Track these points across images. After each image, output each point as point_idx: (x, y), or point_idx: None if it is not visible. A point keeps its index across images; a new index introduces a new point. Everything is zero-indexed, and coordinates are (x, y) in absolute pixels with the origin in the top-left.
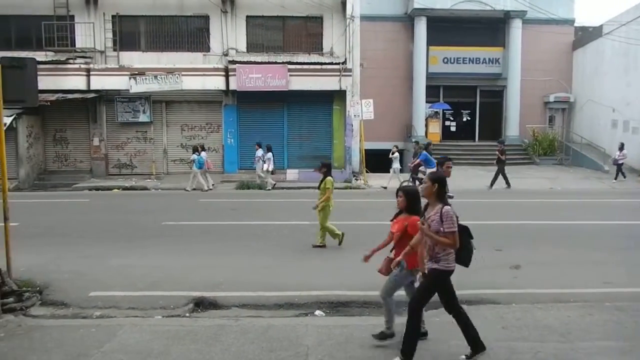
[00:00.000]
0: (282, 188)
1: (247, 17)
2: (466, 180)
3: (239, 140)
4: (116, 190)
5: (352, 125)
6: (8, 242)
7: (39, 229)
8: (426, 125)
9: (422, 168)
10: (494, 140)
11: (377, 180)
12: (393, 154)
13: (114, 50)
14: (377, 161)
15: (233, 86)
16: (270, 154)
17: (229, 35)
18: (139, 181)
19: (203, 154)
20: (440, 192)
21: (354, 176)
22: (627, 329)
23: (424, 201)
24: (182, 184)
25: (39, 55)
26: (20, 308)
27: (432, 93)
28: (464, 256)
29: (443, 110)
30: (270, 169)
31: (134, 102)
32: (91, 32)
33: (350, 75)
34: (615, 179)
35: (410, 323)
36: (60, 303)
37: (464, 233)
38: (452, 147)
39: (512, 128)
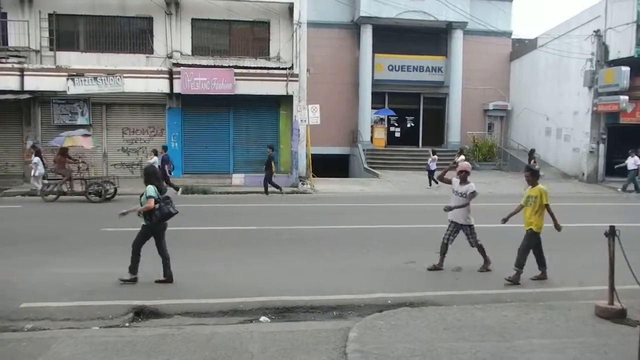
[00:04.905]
0: (228, 193)
1: (193, 19)
2: (411, 185)
3: (184, 145)
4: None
5: (298, 130)
6: None
7: None
8: (372, 131)
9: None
10: (436, 146)
11: (324, 184)
12: (151, 158)
13: (50, 50)
14: (324, 166)
15: (177, 89)
16: (37, 158)
17: (173, 38)
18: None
19: None
20: None
21: (301, 181)
22: (559, 327)
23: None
24: (123, 189)
25: None
26: None
27: (377, 99)
28: None
29: (388, 116)
30: (37, 174)
31: (72, 104)
32: (25, 31)
33: (297, 81)
34: (430, 185)
35: None
36: None
37: None
38: (397, 153)
39: (454, 134)
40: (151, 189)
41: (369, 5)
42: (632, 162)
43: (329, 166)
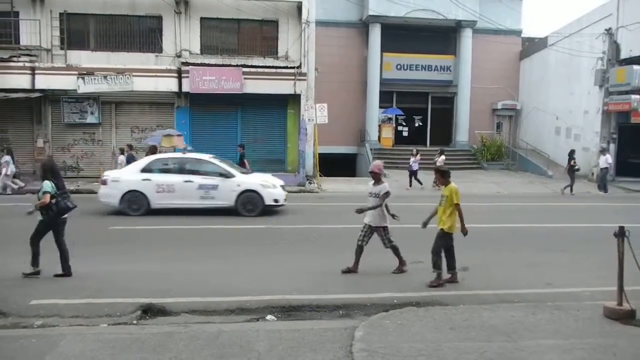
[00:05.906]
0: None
1: (202, 18)
2: (419, 184)
3: (192, 143)
4: None
5: (306, 129)
6: None
7: None
8: (379, 130)
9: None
10: (445, 145)
11: (331, 184)
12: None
13: (61, 48)
14: (331, 165)
15: (186, 88)
16: (8, 157)
17: (182, 37)
18: (85, 184)
19: None
20: None
21: (308, 180)
22: (567, 328)
23: None
24: None
25: None
26: None
27: (385, 99)
28: None
29: (396, 115)
30: (8, 172)
31: (82, 102)
32: (37, 30)
33: (305, 80)
34: (410, 186)
35: None
36: None
37: None
38: (404, 152)
39: (462, 134)
40: (47, 184)
41: (378, 4)
42: (603, 160)
43: (336, 165)
